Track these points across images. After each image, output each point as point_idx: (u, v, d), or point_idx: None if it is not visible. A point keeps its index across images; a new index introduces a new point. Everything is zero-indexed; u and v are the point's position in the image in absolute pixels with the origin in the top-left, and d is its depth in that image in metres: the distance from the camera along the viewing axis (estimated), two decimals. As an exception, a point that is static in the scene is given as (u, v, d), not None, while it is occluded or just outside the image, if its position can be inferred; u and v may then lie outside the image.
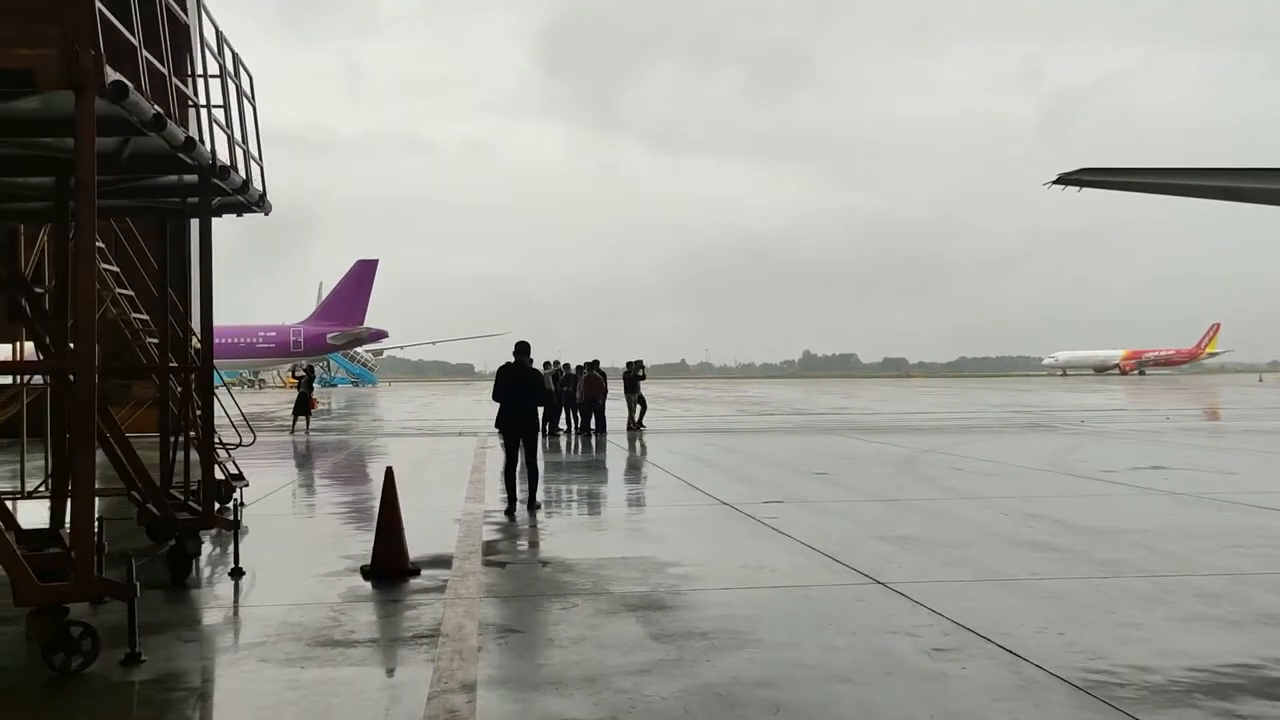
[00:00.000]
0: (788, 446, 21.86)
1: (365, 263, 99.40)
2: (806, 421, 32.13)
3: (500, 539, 10.06)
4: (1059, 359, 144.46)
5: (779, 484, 14.48)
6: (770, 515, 11.25)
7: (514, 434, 12.31)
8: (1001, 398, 54.33)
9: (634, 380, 28.07)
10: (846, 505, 12.18)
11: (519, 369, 12.31)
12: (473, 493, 13.82)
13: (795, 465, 17.30)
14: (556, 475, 16.39)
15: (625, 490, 14.35)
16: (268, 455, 21.33)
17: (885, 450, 20.32)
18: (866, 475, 15.59)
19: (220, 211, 11.61)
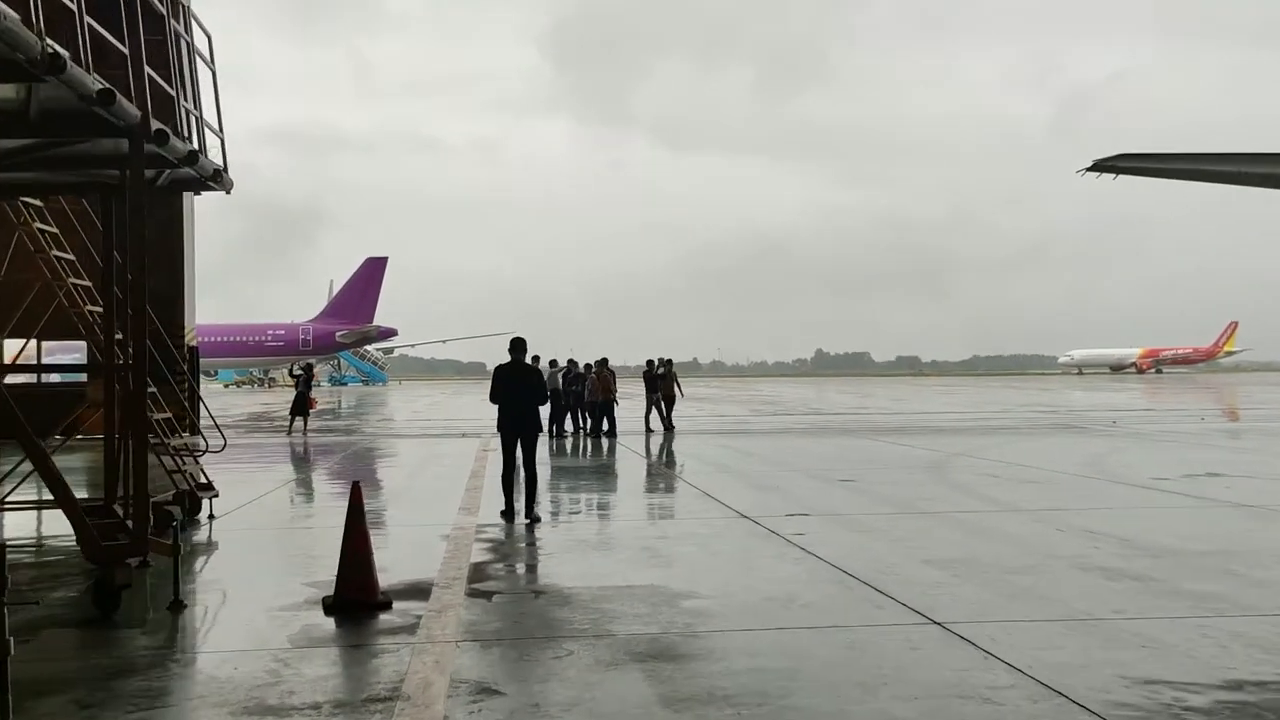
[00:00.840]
0: (808, 450, 20.59)
1: (374, 260, 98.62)
2: (824, 422, 30.85)
3: (491, 560, 8.84)
4: (1074, 358, 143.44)
5: (802, 493, 13.23)
6: (796, 531, 10.01)
7: (514, 436, 11.28)
8: (1022, 397, 52.93)
9: (654, 379, 26.63)
10: (880, 519, 10.93)
11: (517, 367, 11.35)
12: (468, 502, 12.61)
13: (818, 471, 16.04)
14: (561, 481, 15.18)
15: (634, 500, 13.11)
16: (257, 458, 20.19)
17: (911, 454, 19.05)
18: (896, 483, 14.33)
19: (174, 188, 10.42)
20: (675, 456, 19.77)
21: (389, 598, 7.08)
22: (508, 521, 10.98)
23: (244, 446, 23.70)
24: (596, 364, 26.19)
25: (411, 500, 13.13)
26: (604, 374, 25.70)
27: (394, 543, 9.88)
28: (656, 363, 27.23)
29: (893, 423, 30.04)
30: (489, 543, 9.69)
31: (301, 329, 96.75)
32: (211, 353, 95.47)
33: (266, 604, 7.19)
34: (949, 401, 47.73)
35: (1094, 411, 36.36)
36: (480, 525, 10.71)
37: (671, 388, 26.81)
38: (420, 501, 13.04)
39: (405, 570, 8.32)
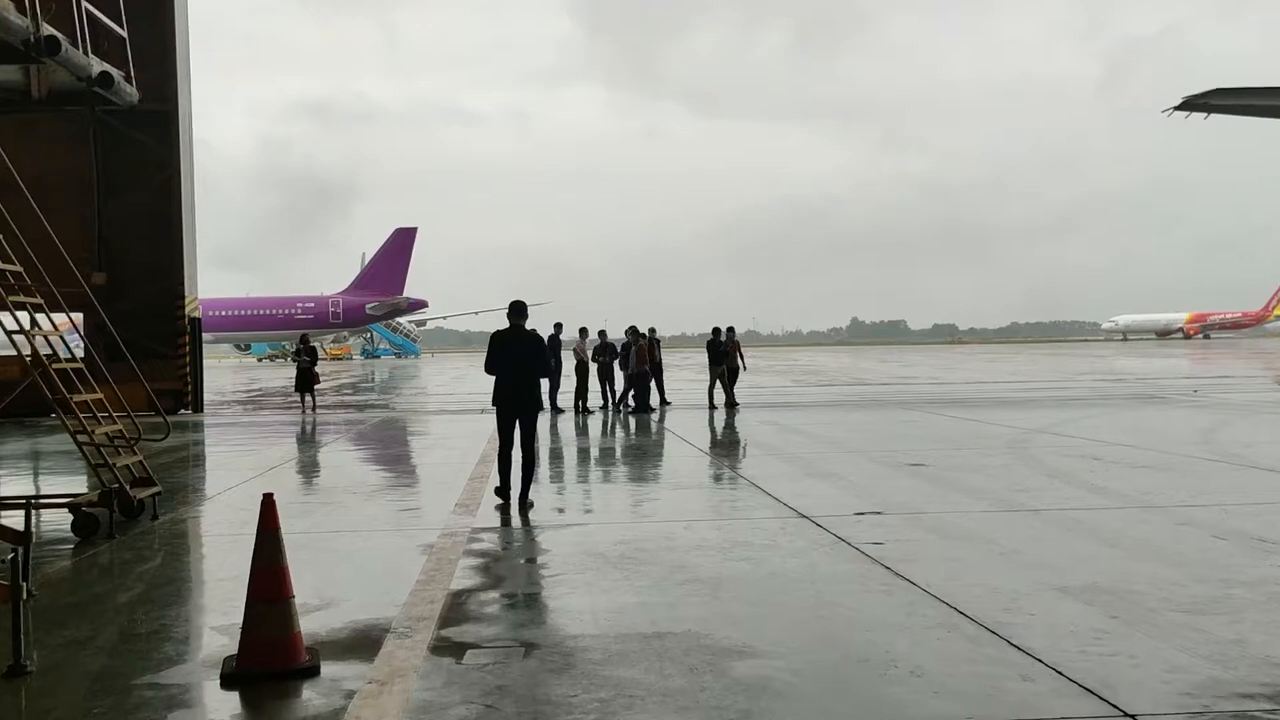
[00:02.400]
0: (861, 425, 18.33)
1: (403, 231, 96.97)
2: (872, 394, 28.52)
3: (477, 586, 6.71)
4: (1119, 323, 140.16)
5: (870, 483, 11.01)
6: (872, 539, 7.82)
7: (511, 414, 9.93)
8: (1078, 364, 50.17)
9: (721, 351, 23.73)
10: (974, 520, 8.69)
11: (516, 334, 9.92)
12: (468, 496, 10.53)
13: (880, 452, 13.80)
14: (582, 469, 13.08)
15: (667, 493, 10.92)
16: (247, 440, 18.27)
17: (983, 430, 16.73)
18: (977, 468, 12.06)
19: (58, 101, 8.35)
20: (717, 436, 17.59)
21: (315, 660, 4.97)
22: (502, 499, 9.70)
23: (242, 426, 21.83)
24: (633, 333, 23.94)
25: (403, 493, 11.08)
26: (642, 345, 23.53)
27: (360, 557, 7.80)
28: (723, 332, 24.21)
29: (947, 393, 27.65)
30: (480, 558, 7.57)
31: (331, 301, 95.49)
32: (240, 326, 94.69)
33: (149, 666, 5.12)
34: (1001, 370, 45.12)
35: (1164, 379, 33.71)
36: (475, 530, 8.61)
37: (735, 360, 24.16)
38: (413, 494, 10.97)
39: (361, 602, 6.23)
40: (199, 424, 21.98)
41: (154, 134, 24.74)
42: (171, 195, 24.90)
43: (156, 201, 24.81)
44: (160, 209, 24.84)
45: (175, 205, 24.90)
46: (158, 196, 24.81)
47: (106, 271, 24.64)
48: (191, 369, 25.27)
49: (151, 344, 24.56)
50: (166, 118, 24.72)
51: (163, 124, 24.74)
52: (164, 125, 24.76)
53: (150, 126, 24.73)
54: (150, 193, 24.86)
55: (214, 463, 14.34)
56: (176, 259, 24.93)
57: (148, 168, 24.83)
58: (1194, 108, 20.52)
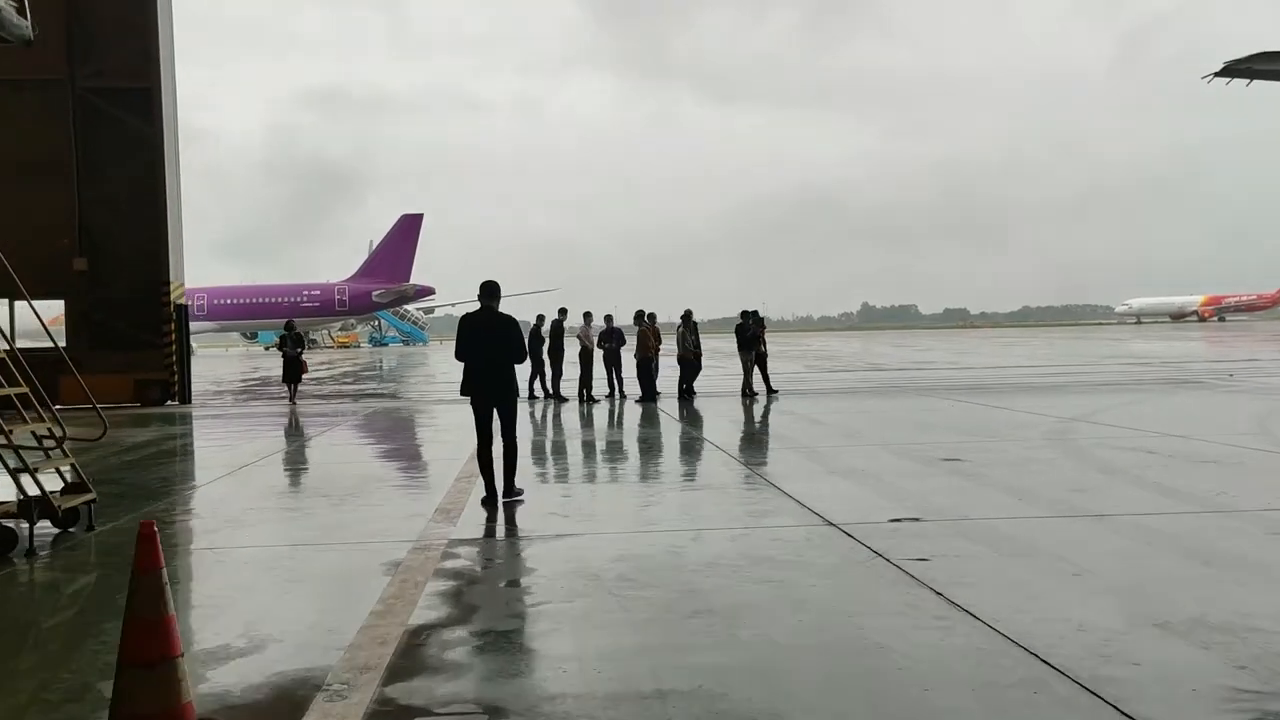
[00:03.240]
0: (884, 414, 17.11)
1: (410, 217, 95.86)
2: (890, 379, 27.28)
3: (443, 620, 5.53)
4: (1133, 306, 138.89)
5: (902, 481, 9.80)
6: (915, 553, 6.63)
7: (486, 403, 9.12)
8: (1099, 348, 48.80)
9: (751, 336, 22.04)
10: (1033, 529, 7.49)
11: (487, 317, 9.14)
12: (452, 500, 9.38)
13: (910, 446, 12.58)
14: (581, 466, 11.90)
15: (674, 497, 9.68)
16: (225, 435, 17.12)
17: (1016, 419, 15.50)
18: (1020, 463, 10.85)
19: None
20: (728, 428, 16.41)
21: (213, 738, 3.80)
22: (489, 510, 8.77)
23: (227, 419, 20.72)
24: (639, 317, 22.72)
25: (380, 495, 9.92)
26: (643, 330, 22.34)
27: (313, 580, 6.64)
28: (751, 317, 22.59)
29: (969, 379, 26.39)
30: (452, 580, 6.39)
31: (337, 289, 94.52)
32: (246, 314, 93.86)
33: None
34: (1019, 354, 43.79)
35: (1192, 363, 32.38)
36: (453, 542, 7.44)
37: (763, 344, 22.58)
38: (391, 498, 9.80)
39: (297, 644, 5.07)
40: (183, 416, 20.87)
41: (136, 112, 23.60)
42: (156, 177, 23.74)
43: (140, 184, 23.67)
44: (144, 192, 23.70)
45: (159, 187, 23.75)
46: (141, 179, 23.67)
47: (88, 257, 23.56)
48: (178, 359, 24.14)
49: (136, 333, 23.50)
50: (148, 95, 23.57)
51: (144, 102, 23.59)
52: (146, 103, 23.60)
53: (132, 105, 23.61)
54: (133, 175, 23.71)
55: (183, 460, 13.25)
56: (161, 244, 23.78)
57: (130, 148, 23.67)
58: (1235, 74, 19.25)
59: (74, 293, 23.55)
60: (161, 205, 23.79)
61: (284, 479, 11.65)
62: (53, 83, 23.19)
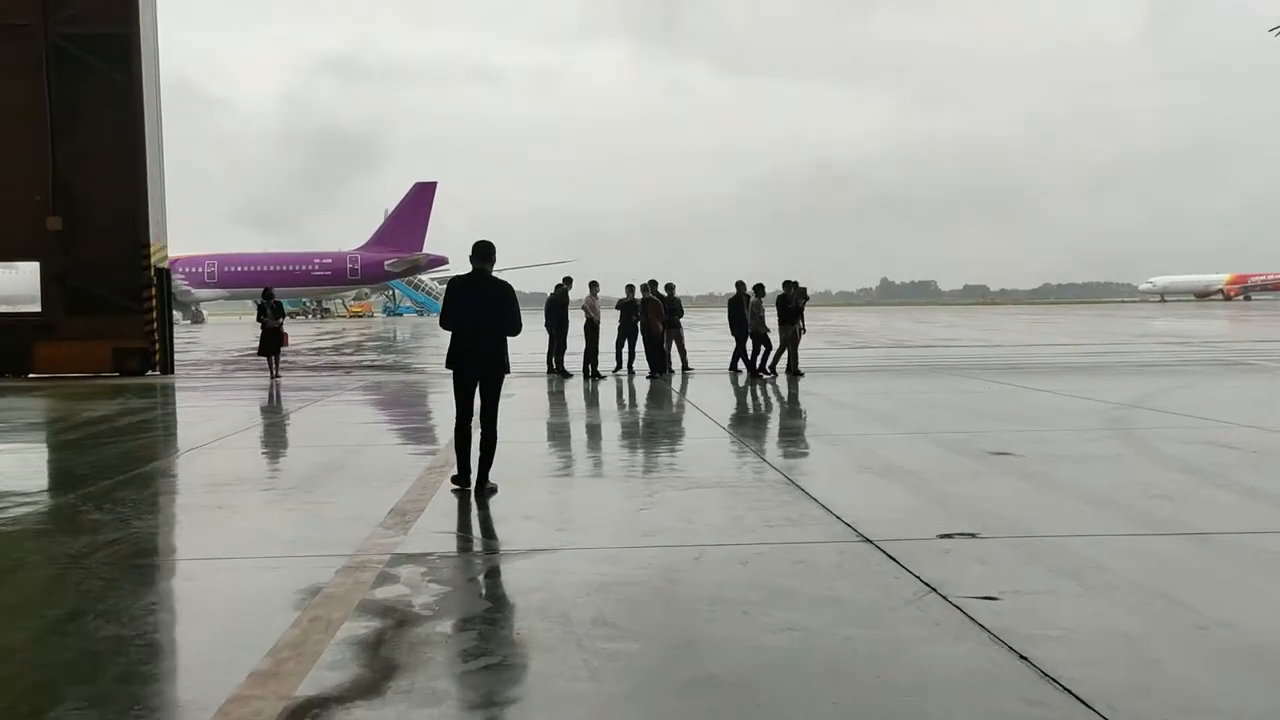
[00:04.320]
0: (918, 398, 15.54)
1: (423, 185, 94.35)
2: (915, 357, 25.68)
3: (344, 685, 4.03)
4: (1157, 284, 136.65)
5: (947, 481, 8.27)
6: (975, 587, 5.14)
7: (469, 377, 8.19)
8: (1128, 326, 47.03)
9: (793, 309, 19.94)
10: (1121, 551, 5.95)
11: (479, 281, 8.14)
12: (413, 497, 7.92)
13: (949, 434, 11.03)
14: (572, 455, 10.42)
15: (676, 499, 8.07)
16: (190, 411, 15.71)
17: (1063, 405, 13.92)
18: (1082, 459, 9.29)
19: None
20: (748, 411, 14.91)
21: None
22: (459, 485, 8.07)
23: (202, 392, 19.35)
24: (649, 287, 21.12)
25: (332, 489, 8.46)
26: (654, 300, 20.77)
27: (197, 609, 5.19)
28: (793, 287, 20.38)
29: (1000, 358, 24.76)
30: (377, 619, 4.89)
31: (349, 258, 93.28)
32: (255, 282, 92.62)
33: None
34: (1049, 332, 42.05)
35: (1235, 343, 30.64)
36: (397, 558, 5.97)
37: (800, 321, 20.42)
38: (343, 492, 8.34)
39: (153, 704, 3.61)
40: (159, 389, 19.49)
41: (114, 61, 22.09)
42: (135, 130, 22.24)
43: (119, 138, 22.18)
44: (123, 146, 22.21)
45: (139, 142, 22.25)
46: (120, 132, 22.17)
47: (63, 216, 22.14)
48: (160, 326, 22.75)
49: (114, 297, 22.12)
50: (126, 42, 22.03)
51: (122, 49, 22.06)
52: (124, 50, 22.07)
53: (109, 52, 22.09)
54: (112, 128, 22.22)
55: (127, 441, 11.83)
56: (141, 202, 22.31)
57: (109, 100, 22.19)
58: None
59: (48, 254, 22.16)
60: (142, 161, 22.31)
61: (227, 467, 10.20)
62: (24, 29, 21.69)
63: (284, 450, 11.36)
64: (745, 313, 20.17)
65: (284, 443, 11.93)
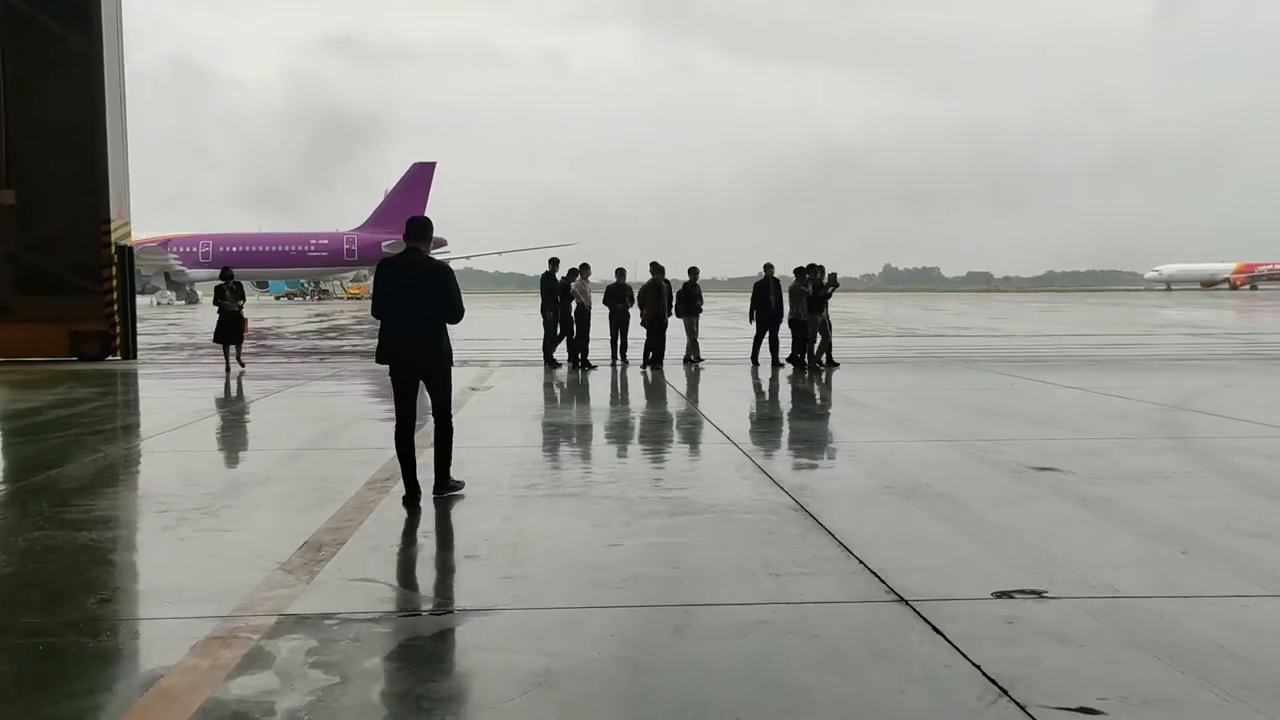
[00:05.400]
0: (938, 395, 14.04)
1: (422, 165, 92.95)
2: (926, 347, 24.20)
3: None
4: (1163, 273, 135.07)
5: (987, 508, 6.79)
6: (1061, 689, 3.67)
7: (408, 375, 7.19)
8: (1144, 316, 45.59)
9: (820, 298, 18.18)
10: (1240, 623, 4.48)
11: (411, 264, 7.12)
12: (341, 520, 6.47)
13: (981, 443, 9.52)
14: (542, 467, 8.89)
15: (657, 530, 6.50)
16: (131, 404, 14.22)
17: (1102, 405, 12.42)
18: (1145, 477, 7.81)
19: None
20: (750, 411, 13.45)
21: None
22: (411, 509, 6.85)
23: (156, 380, 17.90)
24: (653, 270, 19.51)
25: (246, 509, 6.99)
26: (654, 285, 19.21)
27: None
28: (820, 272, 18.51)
29: (1017, 349, 23.28)
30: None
31: (346, 238, 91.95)
32: (250, 263, 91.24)
33: None
34: (1062, 321, 40.57)
35: (1264, 334, 29.11)
36: (281, 624, 4.49)
37: None
38: (258, 512, 6.87)
39: None
40: (110, 376, 18.01)
41: (71, 22, 20.52)
42: (94, 97, 20.68)
43: (77, 105, 20.62)
44: (82, 114, 20.65)
45: (99, 110, 20.69)
46: (78, 99, 20.61)
47: (15, 190, 20.62)
48: (120, 307, 21.24)
49: (71, 277, 20.62)
50: (85, 1, 20.46)
51: (81, 8, 20.50)
52: (83, 10, 20.50)
53: (66, 12, 20.52)
54: (69, 95, 20.66)
55: (39, 442, 10.37)
56: (100, 176, 20.76)
57: (66, 64, 20.61)
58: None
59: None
60: (102, 130, 20.75)
61: (134, 479, 8.71)
62: None
63: (212, 456, 9.86)
64: (771, 298, 18.56)
65: (216, 446, 10.44)
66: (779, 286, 18.76)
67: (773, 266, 19.08)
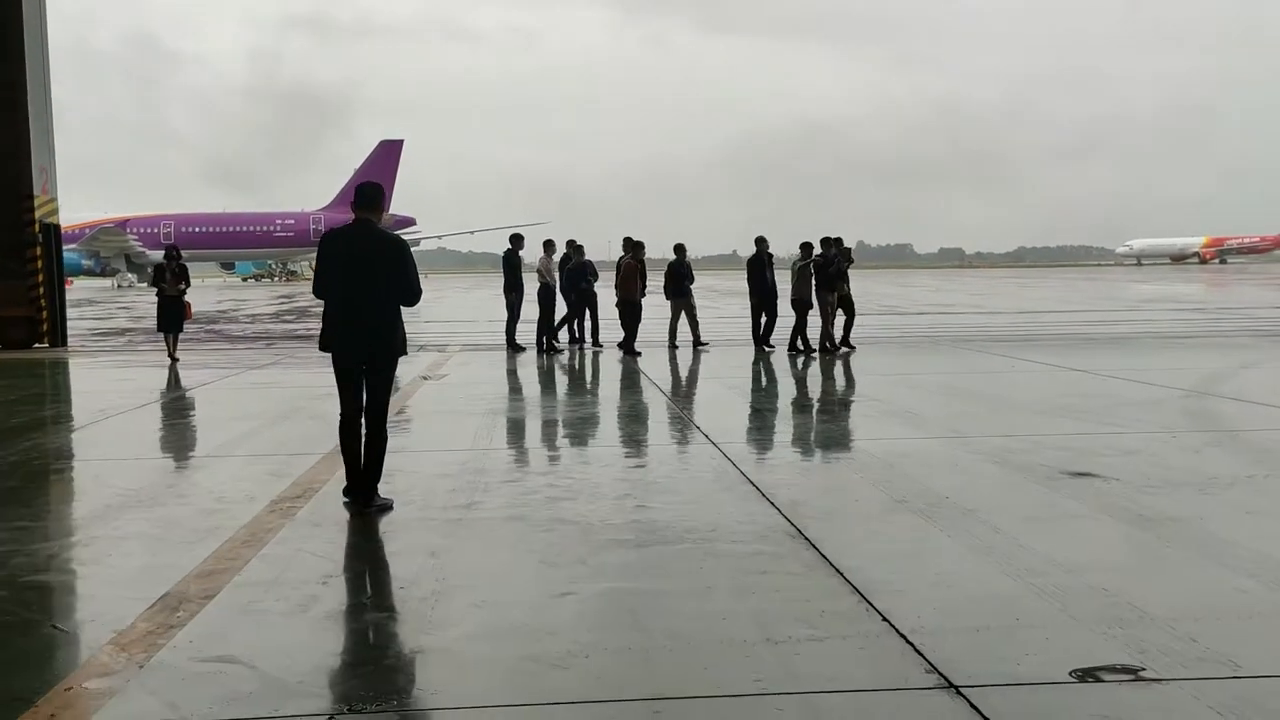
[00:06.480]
0: (938, 381, 12.75)
1: (389, 144, 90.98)
2: (913, 327, 23.01)
3: None
4: (1134, 247, 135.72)
5: (1026, 531, 5.50)
6: None
7: (352, 360, 6.20)
8: (1123, 291, 44.76)
9: (831, 275, 16.64)
10: None
11: (361, 237, 6.13)
12: (220, 559, 5.09)
13: (998, 440, 8.22)
14: (488, 482, 7.46)
15: (621, 568, 5.24)
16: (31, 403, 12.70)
17: (1119, 392, 11.19)
18: (1202, 484, 6.55)
19: None
20: (727, 404, 12.14)
21: None
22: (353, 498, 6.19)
23: (83, 370, 16.33)
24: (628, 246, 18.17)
25: (97, 550, 5.59)
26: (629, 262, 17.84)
27: None
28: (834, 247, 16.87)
29: (1008, 328, 22.12)
30: None
31: (312, 218, 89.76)
32: (214, 244, 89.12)
33: None
34: (1046, 298, 39.58)
35: (1255, 309, 28.11)
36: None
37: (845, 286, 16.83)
38: (109, 558, 5.48)
39: None
40: (28, 366, 16.44)
41: (-16, -20, 18.78)
42: (13, 63, 18.97)
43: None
44: (1, 82, 18.94)
45: (19, 77, 19.00)
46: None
47: (-74, 163, 18.91)
48: (48, 291, 19.63)
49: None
50: (0, -45, 18.75)
51: (-6, -36, 18.77)
52: (-4, -34, 18.78)
53: (-23, -31, 18.79)
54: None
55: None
56: (23, 148, 19.09)
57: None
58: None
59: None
60: (23, 99, 19.07)
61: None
62: None
63: (94, 468, 8.37)
64: (766, 275, 17.12)
65: (105, 454, 8.95)
66: (773, 262, 17.41)
67: (765, 240, 17.62)
